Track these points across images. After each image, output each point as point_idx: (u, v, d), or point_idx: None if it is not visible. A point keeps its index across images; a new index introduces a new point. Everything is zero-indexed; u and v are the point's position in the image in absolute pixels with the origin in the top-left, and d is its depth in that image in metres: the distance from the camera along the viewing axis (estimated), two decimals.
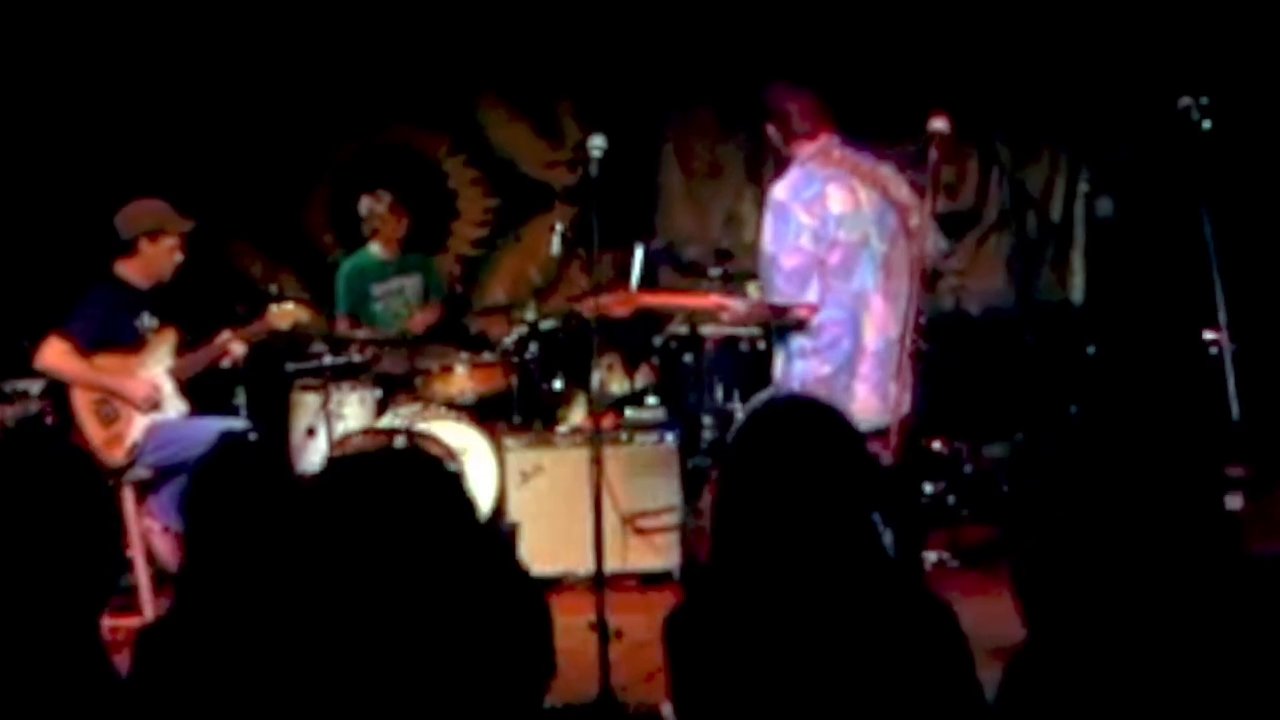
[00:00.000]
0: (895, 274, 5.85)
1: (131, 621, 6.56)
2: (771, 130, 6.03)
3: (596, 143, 5.99)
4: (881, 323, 5.82)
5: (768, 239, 5.86)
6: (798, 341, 5.89)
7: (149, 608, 6.88)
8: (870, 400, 5.77)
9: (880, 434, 5.54)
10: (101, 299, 7.09)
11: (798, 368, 5.90)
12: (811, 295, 5.78)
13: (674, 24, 9.82)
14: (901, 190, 5.92)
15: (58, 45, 9.50)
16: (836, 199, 5.81)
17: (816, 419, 3.02)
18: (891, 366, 5.70)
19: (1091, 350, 8.59)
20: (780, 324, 5.94)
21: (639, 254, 7.23)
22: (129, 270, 7.18)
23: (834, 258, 5.78)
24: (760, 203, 7.88)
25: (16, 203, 9.39)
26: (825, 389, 5.79)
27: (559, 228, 8.15)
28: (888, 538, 5.74)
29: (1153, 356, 8.23)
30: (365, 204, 8.95)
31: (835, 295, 5.80)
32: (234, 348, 7.45)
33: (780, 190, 5.87)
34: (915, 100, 6.32)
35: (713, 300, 6.52)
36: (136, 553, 7.04)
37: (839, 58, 9.08)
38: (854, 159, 5.96)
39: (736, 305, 6.21)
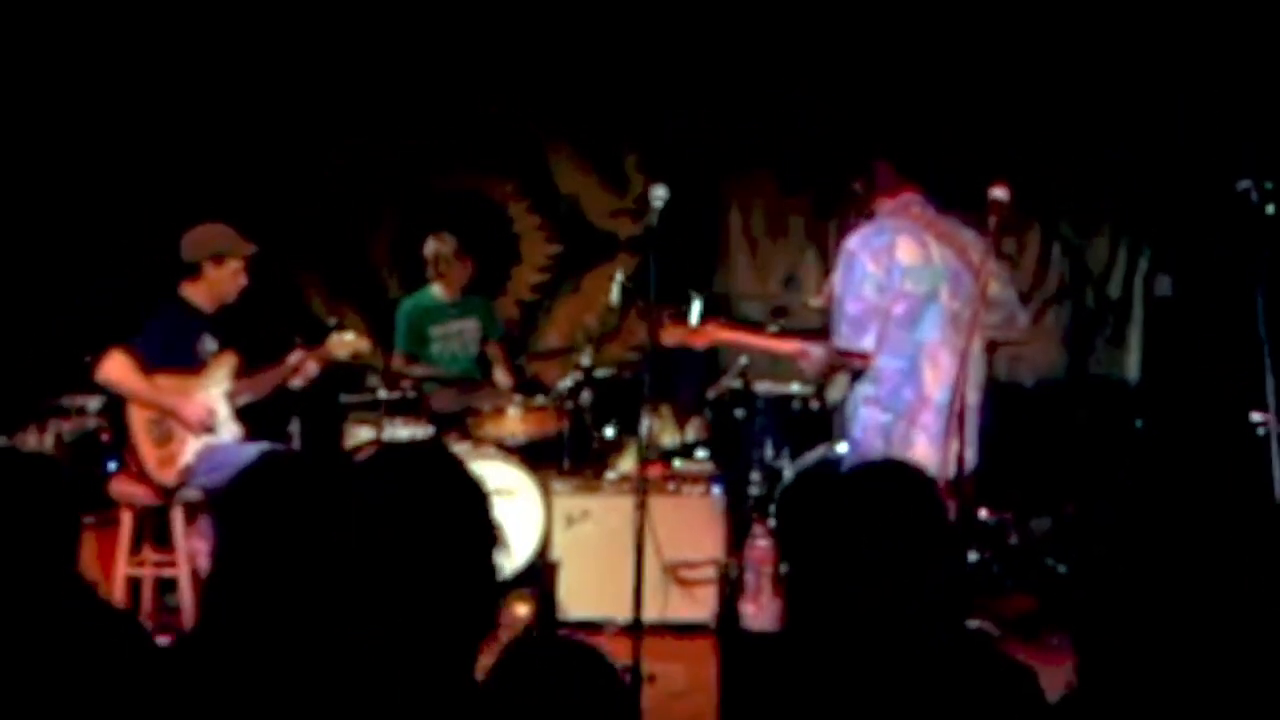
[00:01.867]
0: (962, 332, 5.88)
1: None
2: (859, 185, 6.15)
3: (658, 193, 6.05)
4: (946, 376, 5.86)
5: (837, 285, 5.99)
6: (863, 389, 5.97)
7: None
8: (928, 451, 5.81)
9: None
10: (165, 319, 7.18)
11: (861, 415, 5.99)
12: (869, 342, 5.87)
13: (741, 85, 9.90)
14: (978, 256, 5.94)
15: (132, 75, 9.67)
16: (905, 250, 5.93)
17: (903, 484, 2.96)
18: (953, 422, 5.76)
19: (1139, 424, 8.58)
20: (845, 368, 6.02)
21: (696, 305, 7.27)
22: (193, 293, 7.27)
23: (898, 307, 5.87)
24: (821, 262, 7.91)
25: (87, 224, 9.54)
26: (883, 437, 5.88)
27: (619, 277, 8.18)
28: None
29: (1199, 435, 8.21)
30: (430, 246, 9.03)
31: (897, 344, 5.88)
32: (308, 367, 7.53)
33: (852, 240, 6.03)
34: (978, 171, 6.35)
35: (793, 345, 6.52)
36: (183, 572, 7.11)
37: (904, 126, 9.13)
38: (933, 218, 6.07)
39: (815, 351, 6.23)
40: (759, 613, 6.29)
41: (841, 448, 6.73)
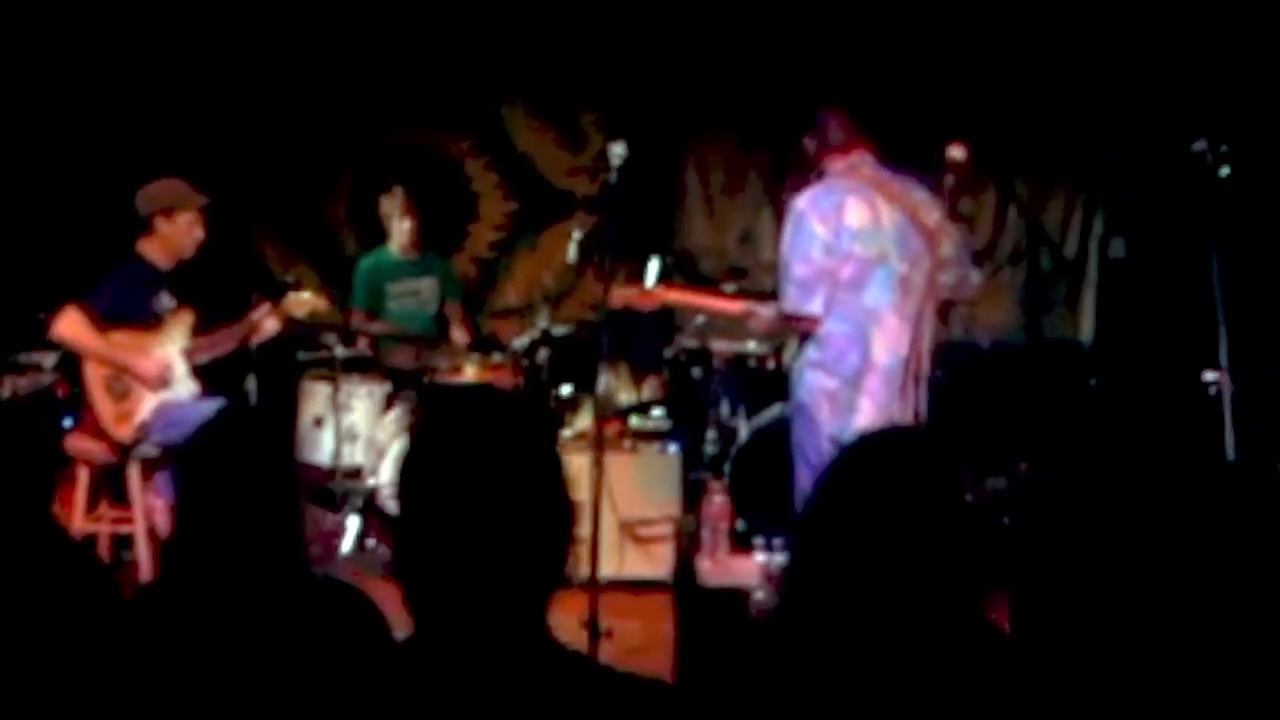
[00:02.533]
0: (913, 296, 5.87)
1: None
2: (808, 141, 6.04)
3: (617, 150, 6.03)
4: (893, 341, 5.82)
5: (784, 246, 5.88)
6: (809, 352, 5.92)
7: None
8: (874, 416, 5.75)
9: None
10: (121, 276, 7.16)
11: (807, 378, 5.92)
12: (816, 306, 5.80)
13: (698, 43, 9.89)
14: (932, 216, 5.89)
15: (88, 32, 9.61)
16: (854, 212, 5.80)
17: (915, 453, 2.79)
18: (898, 385, 5.76)
19: (1094, 383, 8.63)
20: (791, 331, 5.98)
21: (654, 265, 7.28)
22: (150, 249, 7.25)
23: (846, 271, 5.77)
24: (778, 221, 7.87)
25: (43, 184, 9.49)
26: (830, 402, 5.84)
27: (576, 235, 8.18)
28: None
29: (1152, 393, 8.26)
30: (382, 202, 9.03)
31: (844, 308, 5.80)
32: (268, 324, 7.54)
33: (801, 200, 5.88)
34: (935, 131, 6.33)
35: (740, 305, 6.40)
36: (139, 529, 7.11)
37: (861, 85, 9.13)
38: (883, 178, 5.94)
39: (763, 311, 6.13)
40: (715, 569, 6.30)
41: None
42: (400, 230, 8.93)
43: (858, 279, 5.81)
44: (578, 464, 7.45)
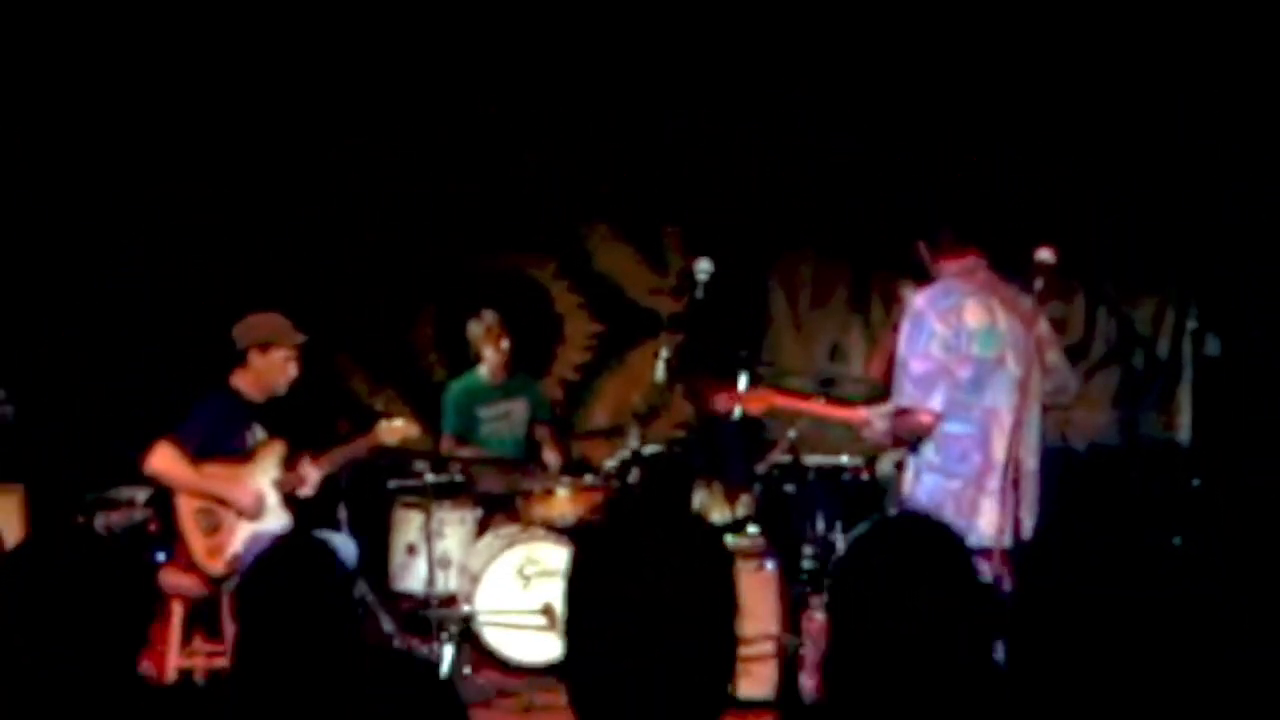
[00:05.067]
0: (1026, 400, 5.82)
1: None
2: (922, 246, 6.07)
3: (703, 266, 6.03)
4: (1010, 442, 5.77)
5: (902, 344, 5.90)
6: (925, 455, 5.88)
7: None
8: (995, 516, 5.69)
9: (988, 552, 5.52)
10: (213, 408, 7.18)
11: (926, 481, 5.89)
12: (936, 403, 5.77)
13: (780, 159, 9.90)
14: (1041, 324, 5.91)
15: (173, 164, 9.73)
16: (973, 314, 5.81)
17: (927, 538, 2.96)
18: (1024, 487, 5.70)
19: (1196, 483, 8.49)
20: (909, 432, 5.90)
21: (743, 380, 7.22)
22: (242, 382, 7.27)
23: (964, 371, 5.77)
24: (865, 332, 7.75)
25: (130, 313, 9.57)
26: (952, 503, 5.77)
27: (663, 354, 8.14)
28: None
29: (1257, 490, 8.10)
30: (471, 327, 9.04)
31: (965, 410, 5.78)
32: (388, 438, 7.61)
33: (919, 298, 5.92)
34: (1023, 234, 6.30)
35: (859, 413, 6.39)
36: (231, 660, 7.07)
37: (947, 191, 9.08)
38: (997, 283, 5.98)
39: (879, 422, 6.11)
40: (819, 686, 6.19)
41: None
42: (492, 354, 8.94)
43: (977, 379, 5.81)
44: None
